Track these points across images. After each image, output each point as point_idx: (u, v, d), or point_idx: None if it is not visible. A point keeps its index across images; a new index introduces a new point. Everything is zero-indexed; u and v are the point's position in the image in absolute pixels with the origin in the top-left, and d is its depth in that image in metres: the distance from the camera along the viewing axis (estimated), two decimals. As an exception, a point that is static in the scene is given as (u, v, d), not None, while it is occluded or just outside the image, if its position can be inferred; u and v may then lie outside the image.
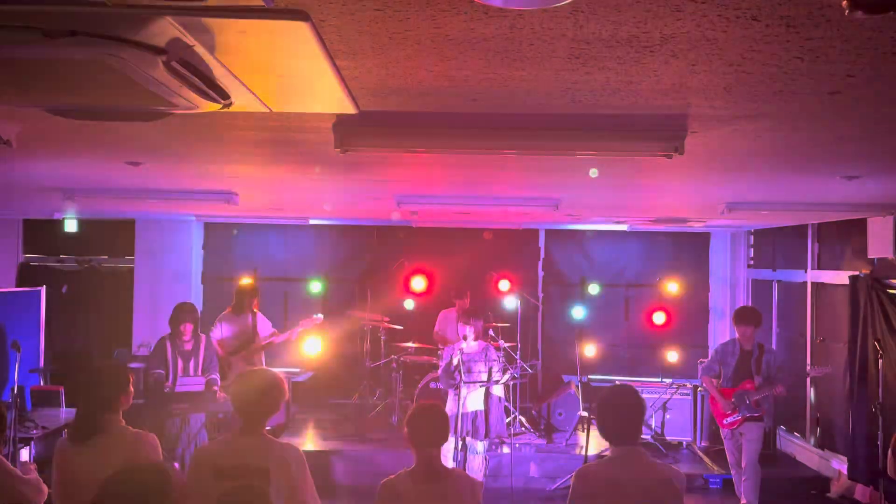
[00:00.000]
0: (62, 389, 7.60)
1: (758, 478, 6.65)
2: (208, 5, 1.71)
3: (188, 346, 6.73)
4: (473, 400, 6.59)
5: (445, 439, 3.44)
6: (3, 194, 6.91)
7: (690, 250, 10.64)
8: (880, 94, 2.56)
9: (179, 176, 5.36)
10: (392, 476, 3.37)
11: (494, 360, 6.78)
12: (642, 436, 3.84)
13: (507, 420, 8.44)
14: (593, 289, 10.27)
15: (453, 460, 6.34)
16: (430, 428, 3.38)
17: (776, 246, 9.57)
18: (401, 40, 2.05)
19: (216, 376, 6.82)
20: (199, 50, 2.01)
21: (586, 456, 5.17)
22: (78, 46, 1.85)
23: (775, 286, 9.56)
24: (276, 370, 4.15)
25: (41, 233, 10.57)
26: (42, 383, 8.27)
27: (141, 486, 2.08)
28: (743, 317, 6.86)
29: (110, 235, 10.43)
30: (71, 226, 10.09)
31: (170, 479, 2.13)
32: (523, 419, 8.98)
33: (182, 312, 6.74)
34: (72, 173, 5.29)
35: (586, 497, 3.23)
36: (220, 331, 7.53)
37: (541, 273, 10.78)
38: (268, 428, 3.48)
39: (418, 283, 9.36)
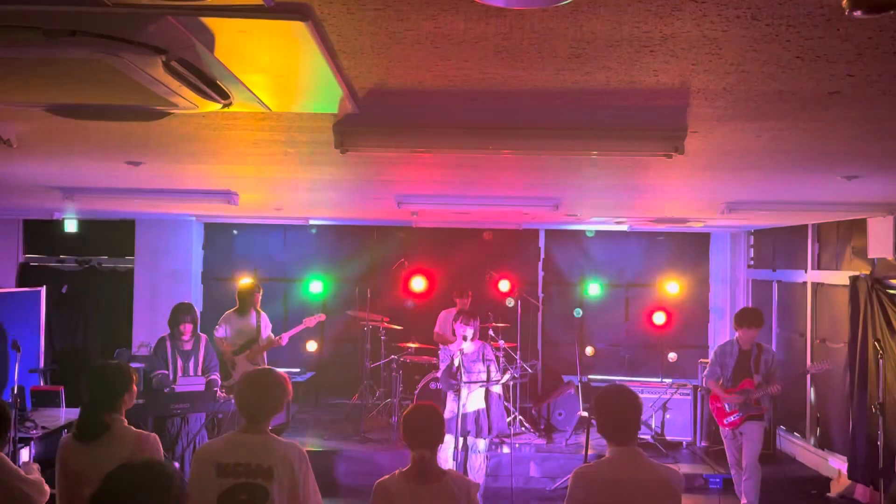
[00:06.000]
0: (62, 389, 7.60)
1: (758, 477, 6.65)
2: (208, 5, 1.71)
3: (188, 346, 6.75)
4: (475, 399, 6.59)
5: (440, 440, 3.43)
6: (3, 194, 6.91)
7: (690, 250, 10.64)
8: (880, 94, 2.56)
9: (179, 176, 5.36)
10: (386, 476, 3.37)
11: (491, 360, 6.78)
12: (642, 436, 3.85)
13: (508, 420, 8.45)
14: (593, 289, 10.27)
15: (454, 460, 6.34)
16: (423, 428, 3.38)
17: (776, 246, 9.57)
18: (401, 40, 2.05)
19: (216, 376, 6.83)
20: (199, 50, 2.01)
21: (586, 456, 5.16)
22: (78, 46, 1.85)
23: (775, 286, 9.56)
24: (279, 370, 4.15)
25: (41, 233, 10.57)
26: (42, 383, 8.27)
27: (142, 483, 2.08)
28: (745, 320, 6.79)
29: (110, 235, 10.43)
30: (71, 226, 10.10)
31: (172, 477, 2.12)
32: (523, 419, 8.97)
33: (181, 313, 6.75)
34: (72, 173, 5.29)
35: (584, 497, 3.22)
36: (225, 330, 7.58)
37: (541, 273, 10.78)
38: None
39: (418, 283, 9.37)
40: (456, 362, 6.49)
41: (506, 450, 8.04)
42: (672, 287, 9.99)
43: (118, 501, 2.05)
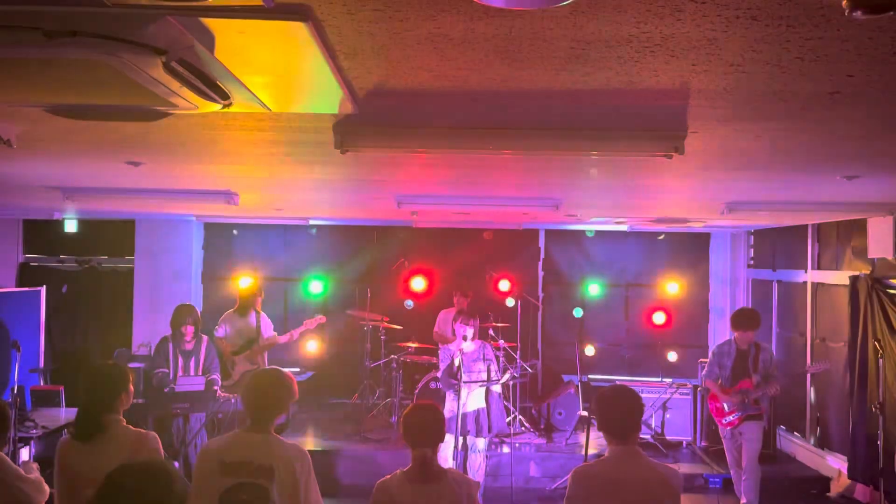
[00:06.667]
0: (62, 389, 7.61)
1: (758, 477, 6.65)
2: (208, 5, 1.71)
3: (189, 346, 6.77)
4: (475, 398, 6.59)
5: (441, 439, 3.43)
6: (3, 194, 6.91)
7: (690, 250, 10.63)
8: (880, 94, 2.56)
9: (179, 176, 5.35)
10: (387, 476, 3.37)
11: (491, 360, 6.78)
12: (642, 435, 3.85)
13: (508, 419, 8.45)
14: (593, 289, 10.27)
15: (453, 459, 6.34)
16: (424, 427, 3.38)
17: (776, 246, 9.57)
18: (401, 40, 2.05)
19: (217, 376, 6.84)
20: (199, 50, 2.01)
21: (586, 456, 5.16)
22: (78, 46, 1.85)
23: (775, 286, 9.56)
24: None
25: (41, 233, 10.56)
26: (42, 383, 8.28)
27: (143, 483, 2.08)
28: (742, 322, 6.77)
29: (110, 235, 10.43)
30: (71, 226, 10.10)
31: (172, 477, 2.12)
32: (523, 419, 8.98)
33: (183, 314, 6.78)
34: (72, 173, 5.29)
35: (583, 497, 3.23)
36: (225, 330, 7.60)
37: (541, 273, 10.78)
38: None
39: (418, 283, 9.37)
40: (456, 362, 6.49)
41: (506, 449, 8.04)
42: (672, 287, 10.00)
43: (120, 502, 2.05)
